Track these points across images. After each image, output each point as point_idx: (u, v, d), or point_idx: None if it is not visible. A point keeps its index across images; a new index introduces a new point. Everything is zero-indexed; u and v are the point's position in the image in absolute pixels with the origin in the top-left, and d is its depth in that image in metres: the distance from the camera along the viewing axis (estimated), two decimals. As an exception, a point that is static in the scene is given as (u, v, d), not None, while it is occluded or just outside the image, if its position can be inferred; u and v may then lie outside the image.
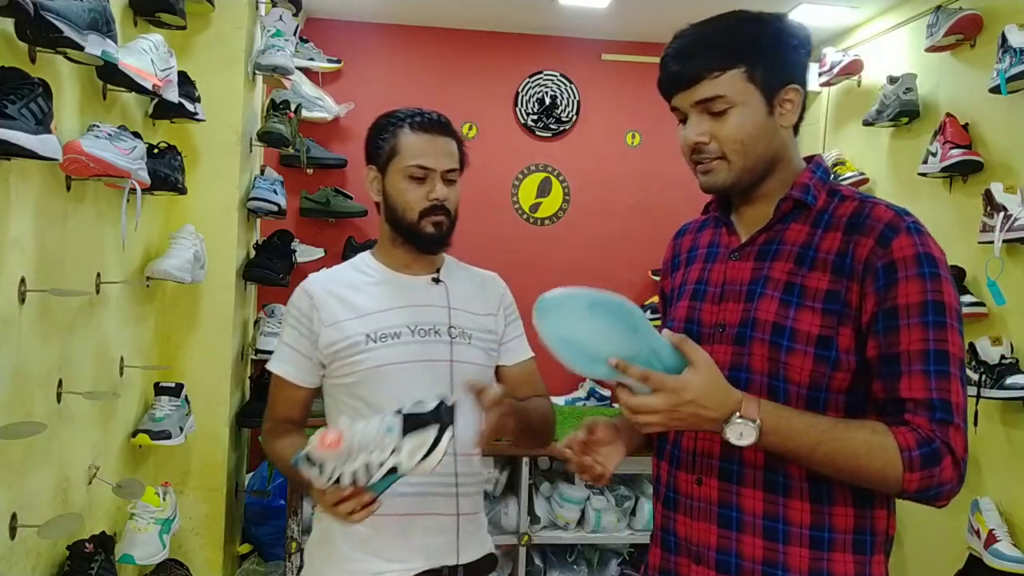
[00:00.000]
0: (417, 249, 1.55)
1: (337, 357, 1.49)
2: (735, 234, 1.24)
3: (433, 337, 1.51)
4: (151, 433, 2.20)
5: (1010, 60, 2.25)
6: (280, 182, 2.93)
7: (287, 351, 1.55)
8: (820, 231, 1.14)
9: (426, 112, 1.55)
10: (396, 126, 1.53)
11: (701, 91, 1.13)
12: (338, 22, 3.56)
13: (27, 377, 1.61)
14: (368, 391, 1.48)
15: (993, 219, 2.31)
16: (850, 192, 1.18)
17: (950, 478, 1.03)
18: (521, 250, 3.68)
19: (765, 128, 1.14)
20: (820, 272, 1.11)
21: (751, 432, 1.01)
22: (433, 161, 1.50)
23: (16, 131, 1.32)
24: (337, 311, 1.50)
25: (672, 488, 1.23)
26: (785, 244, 1.16)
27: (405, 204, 1.51)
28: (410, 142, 1.51)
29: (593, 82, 3.77)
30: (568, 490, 2.83)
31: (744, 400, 1.02)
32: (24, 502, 1.61)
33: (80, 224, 1.85)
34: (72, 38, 1.45)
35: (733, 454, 1.13)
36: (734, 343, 1.15)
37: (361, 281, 1.55)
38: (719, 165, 1.15)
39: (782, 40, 1.16)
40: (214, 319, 2.62)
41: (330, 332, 1.49)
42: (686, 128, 1.17)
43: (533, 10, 3.40)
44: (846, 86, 3.37)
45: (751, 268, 1.18)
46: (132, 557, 2.06)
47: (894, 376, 1.06)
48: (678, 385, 1.00)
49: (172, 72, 2.03)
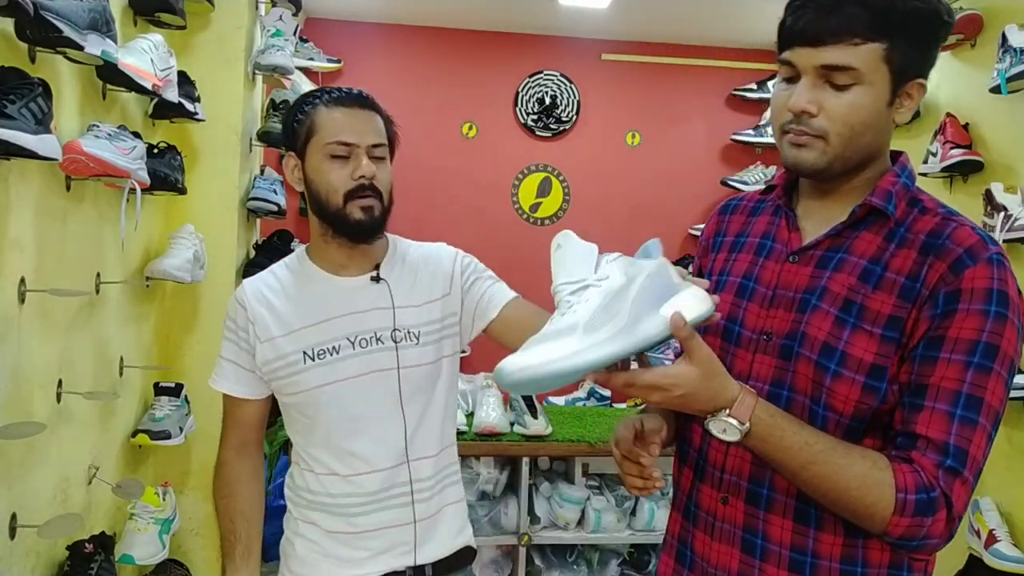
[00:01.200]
0: (349, 240, 1.41)
1: (275, 376, 1.42)
2: (796, 230, 1.10)
3: (376, 346, 1.41)
4: (151, 433, 2.20)
5: (1010, 60, 2.24)
6: (280, 182, 2.92)
7: (228, 366, 1.47)
8: (893, 246, 1.01)
9: (344, 87, 1.41)
10: (311, 105, 1.39)
11: (833, 55, 0.97)
12: (338, 22, 3.56)
13: (27, 377, 1.61)
14: (312, 410, 1.42)
15: (993, 219, 2.31)
16: (933, 204, 1.04)
17: (939, 534, 0.94)
18: (521, 250, 3.67)
19: (879, 118, 1.01)
20: (886, 294, 0.99)
21: (734, 432, 0.94)
22: (355, 136, 1.36)
23: (16, 131, 1.32)
24: (271, 326, 1.42)
25: (694, 501, 1.15)
26: (852, 255, 1.03)
27: (328, 186, 1.37)
28: (327, 118, 1.37)
29: (593, 82, 3.77)
30: (568, 490, 2.83)
31: (739, 400, 0.94)
32: (24, 502, 1.61)
33: (80, 224, 1.85)
34: (72, 38, 1.45)
35: (763, 477, 1.05)
36: (779, 356, 1.05)
37: (296, 287, 1.44)
38: (816, 144, 1.01)
39: (933, 28, 1.01)
40: (214, 319, 2.61)
41: (265, 349, 1.41)
42: (794, 89, 1.01)
43: (533, 10, 3.39)
44: (846, 86, 3.36)
45: (809, 275, 1.06)
46: (132, 557, 2.06)
47: (915, 408, 0.96)
48: (667, 382, 0.91)
49: (172, 72, 2.03)
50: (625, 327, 0.89)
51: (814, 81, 1.00)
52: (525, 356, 0.87)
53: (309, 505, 1.46)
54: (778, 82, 1.06)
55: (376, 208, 1.39)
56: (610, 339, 0.88)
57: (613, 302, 0.90)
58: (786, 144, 1.04)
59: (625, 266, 0.93)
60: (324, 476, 1.44)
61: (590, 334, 0.88)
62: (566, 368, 0.86)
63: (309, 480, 1.46)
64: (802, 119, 1.01)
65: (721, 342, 1.12)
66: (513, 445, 2.78)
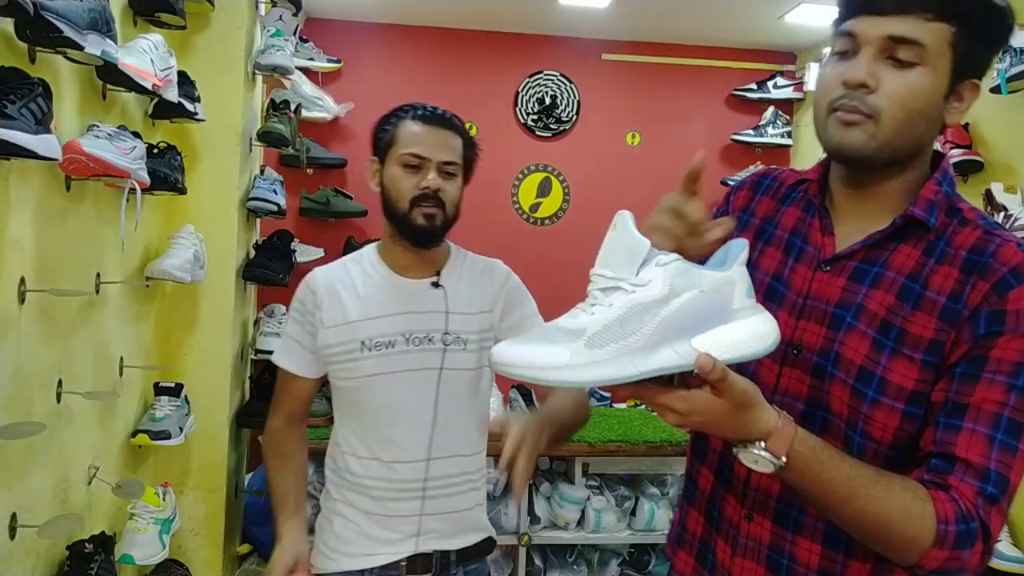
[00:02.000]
0: (412, 244, 1.53)
1: (333, 361, 1.55)
2: (830, 233, 1.03)
3: (427, 345, 1.53)
4: (151, 433, 2.20)
5: (1010, 60, 2.24)
6: (280, 182, 2.92)
7: (291, 344, 1.60)
8: (932, 261, 0.94)
9: (431, 106, 1.55)
10: (400, 117, 1.54)
11: (902, 26, 0.90)
12: (338, 22, 3.56)
13: (27, 377, 1.61)
14: (359, 396, 1.55)
15: (993, 219, 2.31)
16: (972, 215, 0.98)
17: (975, 566, 0.87)
18: (521, 250, 3.67)
19: (934, 110, 0.94)
20: (926, 315, 0.92)
21: (767, 465, 0.85)
22: (428, 151, 1.49)
23: (16, 131, 1.32)
24: (337, 314, 1.54)
25: (717, 509, 1.09)
26: (889, 270, 0.96)
27: (398, 192, 1.51)
28: (408, 132, 1.51)
29: (593, 82, 3.77)
30: (568, 490, 2.83)
31: (776, 431, 0.84)
32: (24, 502, 1.61)
33: (80, 224, 1.85)
34: (72, 38, 1.45)
35: (793, 498, 0.99)
36: (812, 374, 0.98)
37: (363, 281, 1.57)
38: (866, 125, 0.93)
39: (999, 25, 0.95)
40: (214, 319, 2.62)
41: (328, 335, 1.54)
42: (850, 62, 0.94)
43: (533, 10, 3.39)
44: (846, 86, 3.36)
45: (842, 287, 0.99)
46: (132, 557, 2.06)
47: (952, 428, 0.89)
48: (684, 407, 0.81)
49: (172, 72, 2.03)
50: (635, 351, 0.78)
51: (875, 55, 0.92)
52: (517, 351, 0.80)
53: (350, 487, 1.57)
54: (830, 58, 0.98)
55: (438, 217, 1.51)
56: (609, 362, 0.78)
57: (635, 317, 0.79)
58: (832, 123, 0.95)
59: (674, 275, 0.80)
60: (366, 460, 1.55)
61: (591, 349, 0.78)
62: (549, 380, 0.78)
63: (351, 463, 1.57)
64: (856, 94, 0.92)
65: None
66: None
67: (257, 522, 3.09)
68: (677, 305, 0.79)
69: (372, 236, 3.47)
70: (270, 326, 2.97)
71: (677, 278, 0.80)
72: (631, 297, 0.80)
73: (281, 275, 2.91)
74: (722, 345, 0.80)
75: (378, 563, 1.54)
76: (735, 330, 0.81)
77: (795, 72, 3.80)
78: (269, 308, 3.04)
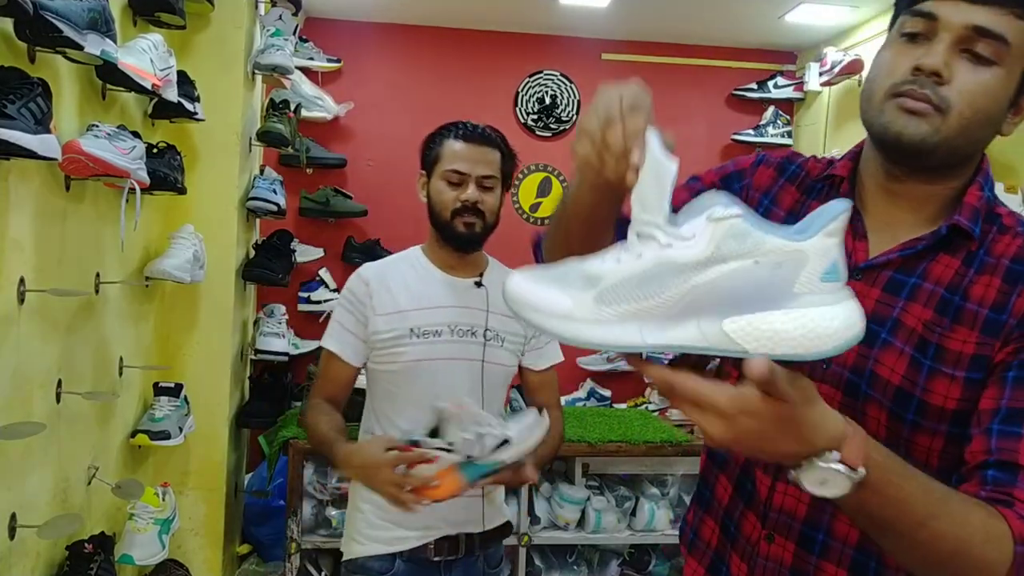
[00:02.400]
0: (454, 249, 1.69)
1: (382, 346, 1.65)
2: (862, 238, 0.94)
3: (469, 338, 1.66)
4: (150, 433, 2.20)
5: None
6: (280, 182, 2.92)
7: (339, 330, 1.69)
8: (972, 272, 0.87)
9: (472, 124, 1.71)
10: (444, 136, 1.70)
11: (991, 18, 0.82)
12: (338, 21, 3.56)
13: (27, 377, 1.61)
14: (404, 380, 1.65)
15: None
16: (1011, 220, 0.91)
17: None
18: (521, 250, 3.65)
19: (998, 117, 0.87)
20: (967, 329, 0.85)
21: (842, 483, 0.67)
22: (468, 167, 1.65)
23: (15, 131, 1.32)
24: (388, 303, 1.66)
25: (734, 523, 1.01)
26: (927, 282, 0.89)
27: (441, 204, 1.67)
28: (450, 149, 1.67)
29: (593, 82, 3.73)
30: (568, 490, 2.82)
31: (848, 436, 0.67)
32: (24, 502, 1.60)
33: (79, 224, 1.84)
34: (71, 37, 1.45)
35: (821, 521, 0.91)
36: (845, 392, 0.90)
37: (412, 276, 1.70)
38: (933, 117, 0.84)
39: None
40: (214, 319, 2.62)
41: (379, 321, 1.65)
42: (924, 46, 0.85)
43: (533, 10, 3.39)
44: (847, 86, 3.37)
45: (876, 299, 0.90)
46: (131, 557, 2.05)
47: (1010, 436, 0.80)
48: (733, 406, 0.63)
49: (171, 72, 2.03)
50: (649, 318, 0.64)
51: (951, 45, 0.83)
52: (525, 285, 0.68)
53: None
54: (894, 39, 0.89)
55: (476, 225, 1.66)
56: (613, 324, 0.64)
57: (661, 277, 0.64)
58: (893, 108, 0.85)
59: (727, 235, 0.63)
60: None
61: (598, 305, 0.64)
62: (541, 326, 0.66)
63: None
64: (927, 82, 0.84)
65: None
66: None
67: (257, 522, 3.09)
68: (718, 274, 0.62)
69: (372, 236, 3.47)
70: (270, 326, 2.97)
71: (729, 240, 0.62)
72: (663, 253, 0.64)
73: (281, 275, 2.91)
74: (759, 336, 0.62)
75: (407, 546, 1.64)
76: (785, 320, 0.62)
77: (795, 72, 3.80)
78: (269, 308, 3.04)
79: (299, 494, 2.55)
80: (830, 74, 3.31)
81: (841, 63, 3.25)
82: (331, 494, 2.71)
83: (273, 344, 2.93)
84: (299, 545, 2.53)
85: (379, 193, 3.49)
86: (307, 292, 3.41)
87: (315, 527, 2.65)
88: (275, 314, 3.02)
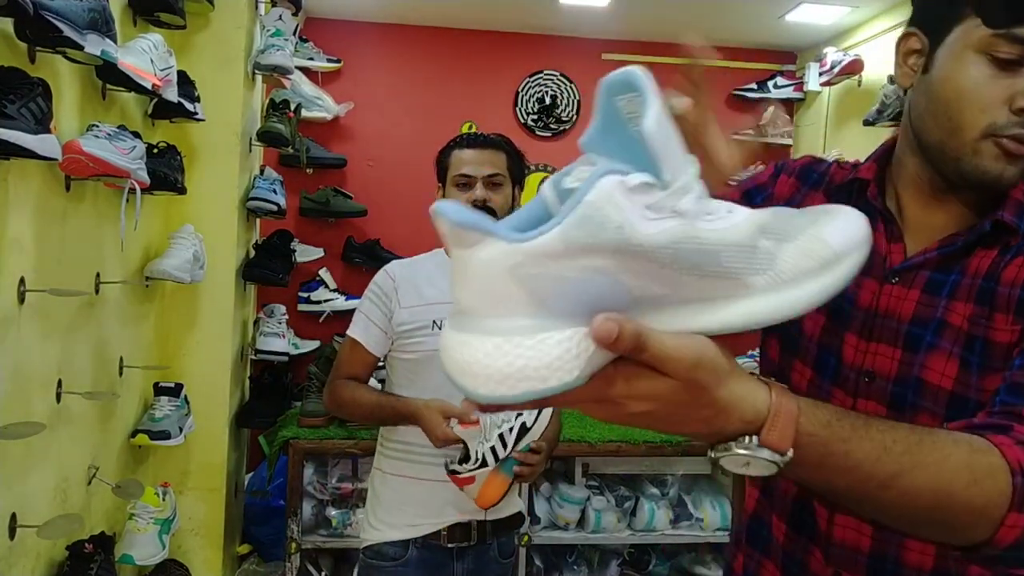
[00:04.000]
0: None
1: (405, 335, 1.74)
2: (897, 240, 0.89)
3: None
4: (150, 433, 2.20)
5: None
6: (280, 182, 2.92)
7: (365, 321, 1.79)
8: (1008, 258, 0.82)
9: (476, 132, 1.82)
10: (452, 147, 1.80)
11: None
12: (338, 22, 3.56)
13: (27, 377, 1.61)
14: (423, 369, 1.73)
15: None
16: None
17: None
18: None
19: None
20: (1002, 315, 0.79)
21: (766, 467, 0.57)
22: (473, 169, 1.74)
23: (15, 131, 1.32)
24: (412, 297, 1.76)
25: (797, 564, 0.93)
26: (966, 275, 0.83)
27: None
28: (458, 157, 1.78)
29: (593, 82, 3.70)
30: (568, 490, 2.83)
31: (771, 415, 0.56)
32: (24, 502, 1.60)
33: (79, 224, 1.85)
34: (71, 38, 1.45)
35: (888, 550, 0.84)
36: (890, 405, 0.84)
37: (438, 273, 1.79)
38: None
39: None
40: (214, 319, 2.62)
41: (403, 313, 1.75)
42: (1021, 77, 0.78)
43: (533, 10, 3.39)
44: (846, 86, 3.37)
45: (916, 301, 0.85)
46: (131, 557, 2.05)
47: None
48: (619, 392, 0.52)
49: (172, 72, 2.03)
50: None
51: None
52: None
53: (405, 456, 1.75)
54: (981, 63, 0.79)
55: None
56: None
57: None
58: (992, 152, 0.79)
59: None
60: (417, 427, 1.69)
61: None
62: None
63: (406, 434, 1.73)
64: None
65: (813, 375, 0.91)
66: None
67: (257, 522, 3.09)
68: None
69: (372, 236, 3.47)
70: (270, 326, 2.97)
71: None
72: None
73: (281, 275, 2.91)
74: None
75: (421, 533, 1.71)
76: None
77: (795, 72, 3.80)
78: (269, 308, 3.04)
79: (299, 494, 2.56)
80: (830, 74, 3.31)
81: (841, 63, 3.25)
82: (331, 494, 2.71)
83: (273, 344, 2.94)
84: (299, 545, 2.53)
85: (379, 193, 3.49)
86: (307, 292, 3.41)
87: (315, 527, 2.65)
88: (275, 314, 3.02)
